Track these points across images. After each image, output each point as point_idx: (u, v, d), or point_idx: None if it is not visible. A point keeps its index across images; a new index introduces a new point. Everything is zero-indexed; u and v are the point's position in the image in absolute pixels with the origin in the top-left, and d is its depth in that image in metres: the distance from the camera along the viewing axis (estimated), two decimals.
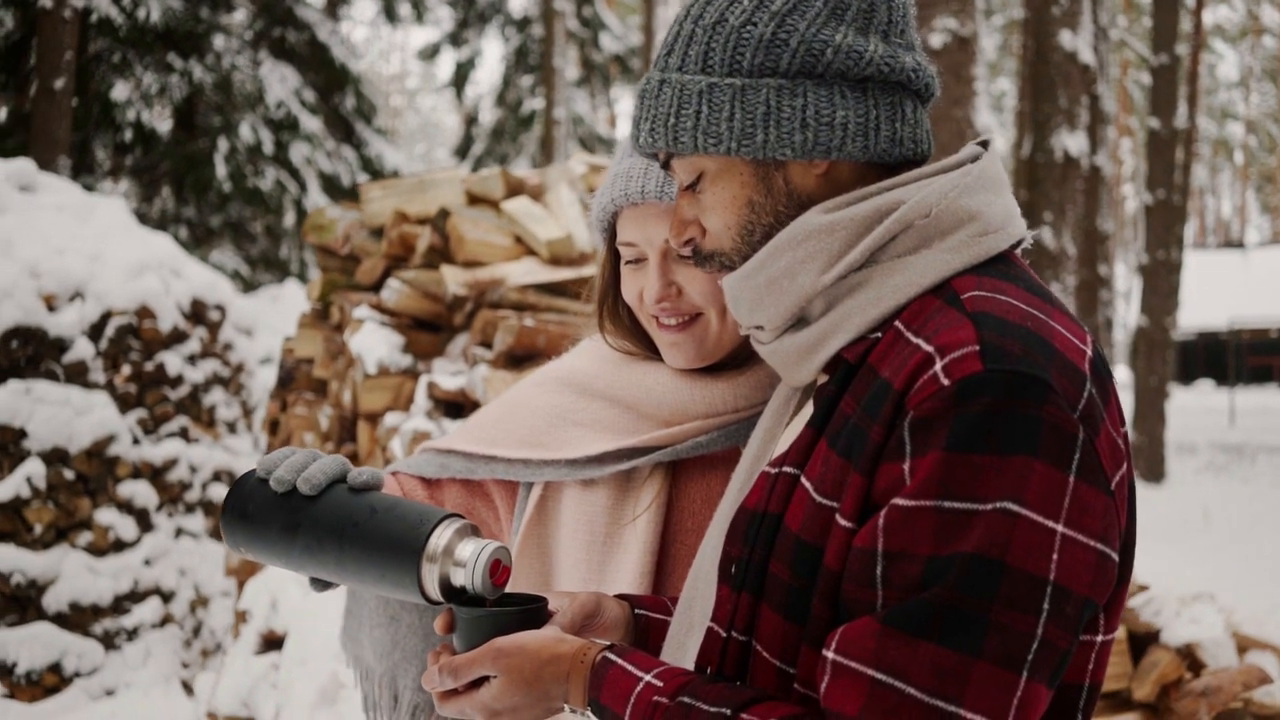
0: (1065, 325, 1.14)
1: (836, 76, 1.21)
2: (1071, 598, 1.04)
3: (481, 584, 1.27)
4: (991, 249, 1.19)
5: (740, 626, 1.21)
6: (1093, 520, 1.05)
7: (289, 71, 15.89)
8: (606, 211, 1.61)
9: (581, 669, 1.22)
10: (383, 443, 4.34)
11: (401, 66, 46.10)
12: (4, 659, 6.48)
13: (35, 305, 6.97)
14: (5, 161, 7.83)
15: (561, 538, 1.67)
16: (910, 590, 1.03)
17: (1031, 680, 1.02)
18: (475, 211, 4.85)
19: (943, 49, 9.80)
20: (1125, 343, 33.62)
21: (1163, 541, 11.16)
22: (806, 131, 1.21)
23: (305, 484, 1.32)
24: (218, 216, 15.53)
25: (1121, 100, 29.71)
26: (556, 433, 1.66)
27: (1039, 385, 1.04)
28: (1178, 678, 4.22)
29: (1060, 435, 1.04)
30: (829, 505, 1.13)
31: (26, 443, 6.78)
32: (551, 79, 17.79)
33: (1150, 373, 15.14)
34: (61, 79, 12.67)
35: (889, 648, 1.03)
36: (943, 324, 1.11)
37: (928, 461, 1.04)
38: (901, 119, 1.23)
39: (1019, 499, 1.02)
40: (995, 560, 1.01)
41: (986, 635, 1.01)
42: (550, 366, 1.77)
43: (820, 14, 1.21)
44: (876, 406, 1.11)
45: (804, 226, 1.21)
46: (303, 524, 1.32)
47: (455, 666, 1.25)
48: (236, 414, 8.34)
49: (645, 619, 1.45)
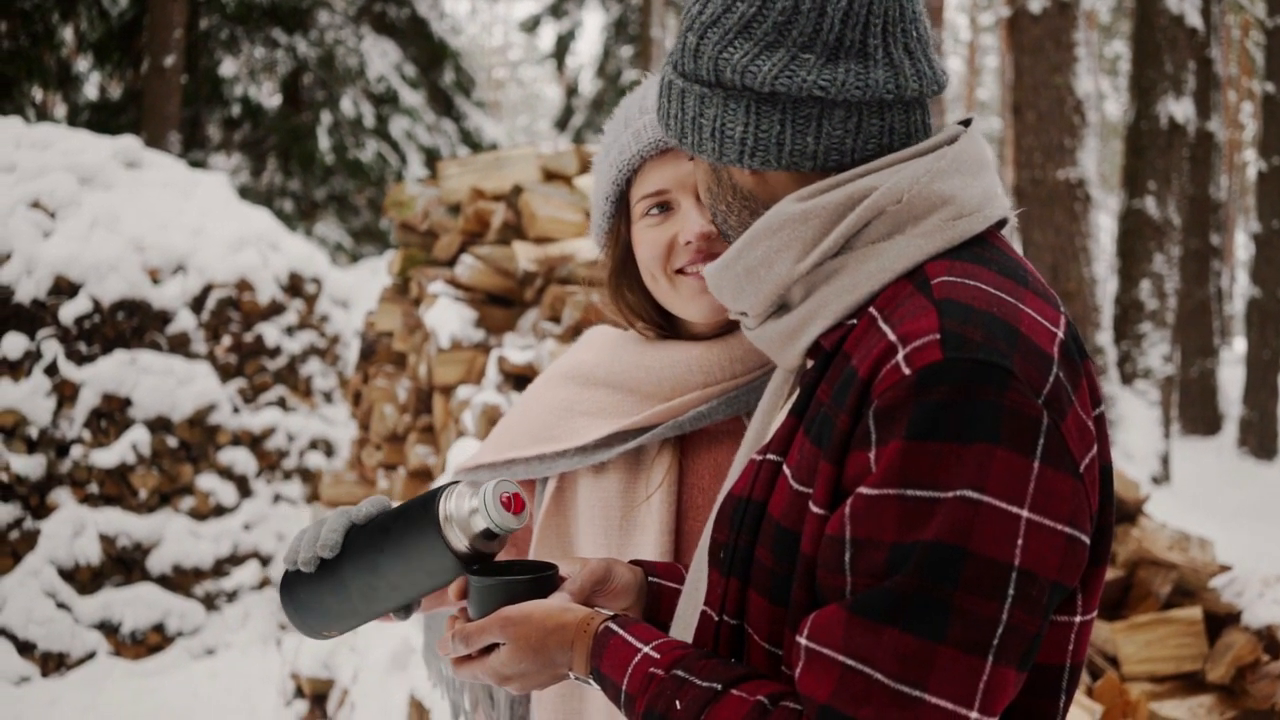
0: (1036, 308, 1.14)
1: (744, 90, 1.22)
2: (1038, 582, 1.05)
3: (499, 516, 1.33)
4: (966, 232, 1.19)
5: (730, 610, 1.24)
6: (1060, 504, 1.06)
7: (390, 46, 16.14)
8: (629, 166, 1.62)
9: (585, 638, 1.26)
10: (455, 415, 4.43)
11: (505, 39, 46.36)
12: (110, 618, 6.78)
13: (140, 279, 7.24)
14: (112, 139, 8.11)
15: (580, 526, 1.70)
16: (876, 577, 1.05)
17: (998, 664, 1.03)
18: (548, 188, 4.90)
19: (1042, 14, 9.57)
20: (1244, 313, 32.40)
21: (1271, 521, 10.83)
22: (715, 141, 1.25)
23: (325, 550, 1.40)
24: (322, 189, 15.88)
25: (1242, 63, 28.54)
26: (565, 424, 1.70)
27: (999, 372, 1.05)
28: (1254, 660, 4.13)
29: (1022, 421, 1.04)
30: (804, 492, 1.15)
31: (132, 411, 7.07)
32: (649, 49, 17.76)
33: (1263, 345, 14.64)
34: (172, 56, 13.04)
35: (855, 634, 1.05)
36: (908, 311, 1.12)
37: (890, 450, 1.06)
38: (818, 133, 1.21)
39: (979, 487, 1.03)
40: (957, 547, 1.02)
41: (949, 621, 1.02)
42: (556, 364, 1.81)
43: (731, 29, 1.22)
44: (843, 395, 1.13)
45: (779, 215, 1.22)
46: (346, 579, 1.40)
47: (467, 634, 1.30)
48: (332, 384, 8.56)
49: (658, 586, 1.48)
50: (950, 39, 36.55)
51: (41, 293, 6.86)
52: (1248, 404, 14.58)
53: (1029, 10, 9.51)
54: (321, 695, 4.99)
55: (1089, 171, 9.49)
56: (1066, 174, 9.42)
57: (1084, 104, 9.49)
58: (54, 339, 6.87)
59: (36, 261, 6.87)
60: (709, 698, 1.14)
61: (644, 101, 1.64)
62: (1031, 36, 9.52)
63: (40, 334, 6.84)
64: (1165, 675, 3.98)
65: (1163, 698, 3.91)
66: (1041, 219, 9.46)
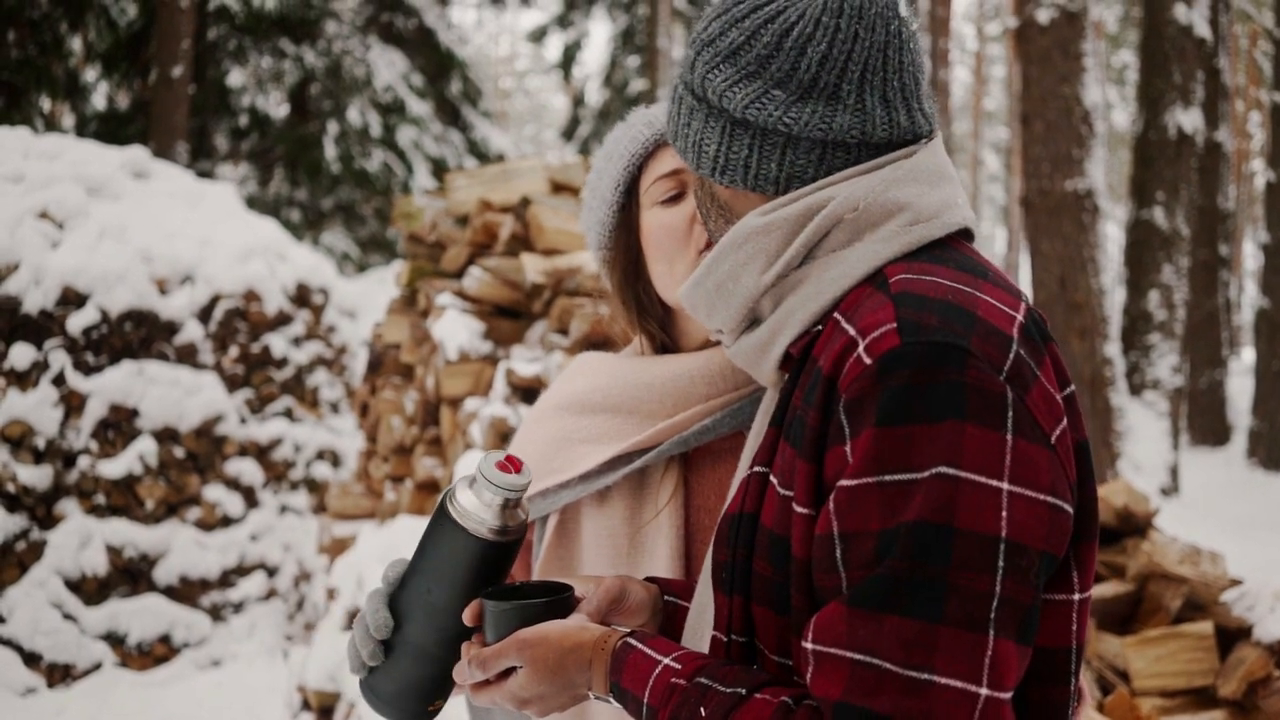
0: (994, 295, 1.16)
1: (723, 111, 1.27)
2: (1027, 552, 1.06)
3: (506, 481, 1.35)
4: (924, 237, 1.22)
5: (738, 629, 1.24)
6: (1038, 474, 1.07)
7: (397, 56, 16.17)
8: (644, 150, 1.62)
9: (603, 655, 1.26)
10: (463, 427, 4.42)
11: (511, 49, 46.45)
12: (116, 629, 6.77)
13: (148, 289, 7.24)
14: (120, 149, 8.12)
15: (585, 557, 1.66)
16: (868, 567, 1.06)
17: (999, 638, 1.04)
18: (556, 200, 4.90)
19: (1050, 24, 9.56)
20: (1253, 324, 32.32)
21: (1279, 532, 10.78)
22: (695, 151, 1.31)
23: (381, 631, 1.40)
24: (329, 199, 15.91)
25: (1250, 72, 28.50)
26: (564, 455, 1.66)
27: (957, 352, 1.07)
28: (1265, 675, 4.10)
29: (986, 396, 1.06)
30: (788, 496, 1.17)
31: (139, 421, 7.07)
32: (656, 59, 17.78)
33: (1272, 356, 14.59)
34: (180, 66, 13.08)
35: (858, 627, 1.05)
36: (868, 308, 1.14)
37: (863, 440, 1.07)
38: (782, 161, 1.25)
39: (954, 463, 1.04)
40: (942, 525, 1.03)
41: (946, 600, 1.03)
42: (545, 397, 1.76)
43: (721, 52, 1.27)
44: (811, 394, 1.15)
45: (743, 229, 1.26)
46: (412, 638, 1.39)
47: (484, 658, 1.29)
48: (339, 394, 8.56)
49: (673, 605, 1.47)
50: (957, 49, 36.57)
51: (49, 303, 6.87)
52: (1257, 415, 14.53)
53: (1037, 20, 9.49)
54: (328, 708, 4.98)
55: (1097, 182, 9.47)
56: (1074, 184, 9.40)
57: (1092, 114, 9.47)
58: (61, 349, 6.88)
59: (44, 272, 6.88)
60: (734, 702, 1.14)
61: (654, 107, 1.66)
62: (1039, 47, 9.51)
63: (48, 344, 6.85)
64: (1176, 690, 3.96)
65: (1174, 713, 3.89)
66: (1049, 229, 9.44)
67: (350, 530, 5.72)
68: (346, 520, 5.85)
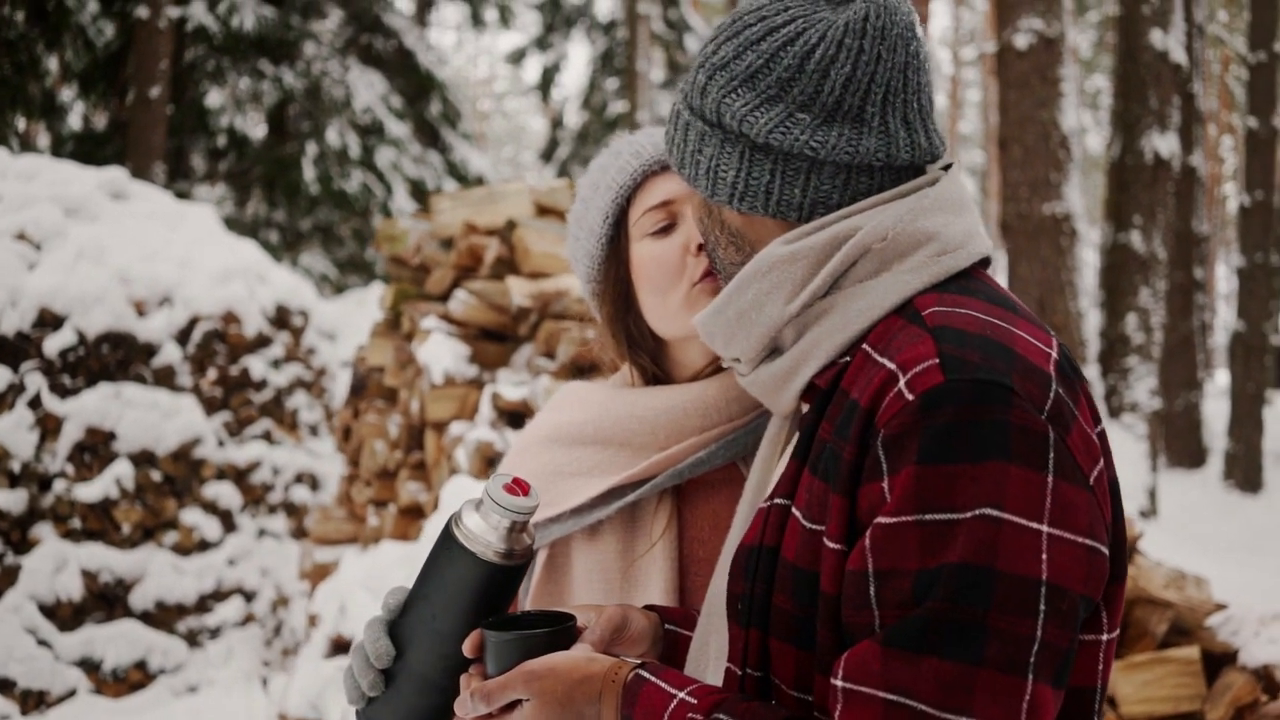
0: (1029, 331, 1.15)
1: (741, 136, 1.24)
2: (1067, 596, 1.05)
3: (509, 503, 1.32)
4: (951, 268, 1.21)
5: (753, 663, 1.22)
6: (1078, 516, 1.06)
7: (376, 78, 16.15)
8: (632, 181, 1.59)
9: (614, 688, 1.23)
10: (448, 451, 4.39)
11: (490, 70, 46.49)
12: (91, 655, 6.67)
13: (126, 310, 7.18)
14: (98, 170, 8.06)
15: (576, 592, 1.63)
16: (904, 607, 1.05)
17: (1038, 682, 1.03)
18: (542, 223, 4.89)
19: (1028, 50, 9.63)
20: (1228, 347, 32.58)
21: (1258, 554, 10.84)
22: (709, 179, 1.28)
23: (382, 660, 1.36)
24: (307, 220, 15.85)
25: (1222, 97, 28.84)
26: (555, 489, 1.62)
27: (1001, 390, 1.06)
28: (1253, 700, 4.10)
29: (1030, 436, 1.05)
30: (817, 530, 1.15)
31: (115, 444, 6.99)
32: (635, 82, 17.82)
33: (1247, 379, 14.71)
34: (157, 87, 13.03)
35: (893, 668, 1.03)
36: (904, 341, 1.13)
37: (903, 477, 1.06)
38: (806, 186, 1.24)
39: (998, 504, 1.03)
40: (984, 567, 1.02)
41: (986, 643, 1.02)
42: (530, 429, 1.73)
43: (738, 76, 1.24)
44: (846, 427, 1.13)
45: (767, 258, 1.24)
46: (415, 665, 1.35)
47: (488, 691, 1.26)
48: (319, 417, 8.50)
49: (674, 634, 1.45)
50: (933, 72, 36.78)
51: (26, 325, 6.79)
52: (1233, 437, 14.64)
53: (1015, 46, 9.57)
54: None
55: (1074, 206, 9.53)
56: (1052, 208, 9.45)
57: (1069, 139, 9.55)
58: (38, 371, 6.80)
59: (21, 293, 6.81)
60: None
61: (637, 136, 1.64)
62: (1017, 72, 9.58)
63: (24, 366, 6.77)
64: (1163, 715, 3.96)
65: None
66: (1028, 253, 9.48)
67: (332, 555, 5.67)
68: (328, 545, 5.80)
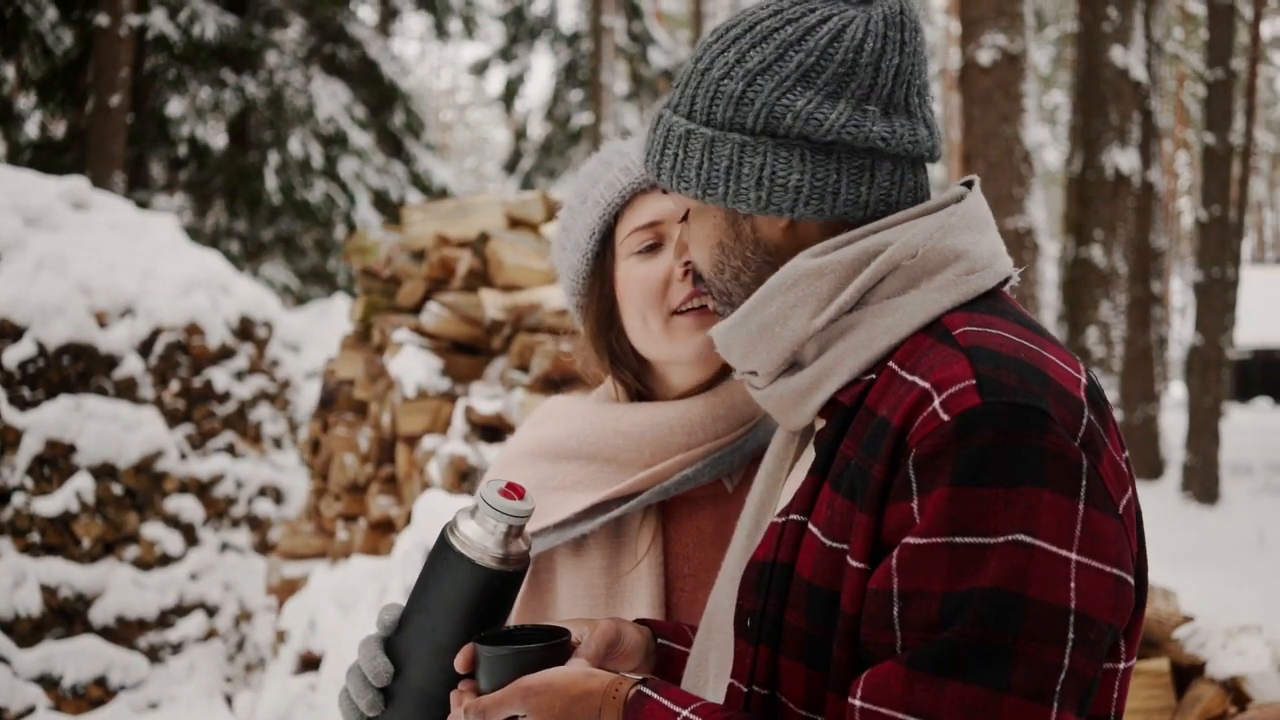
0: (1058, 355, 1.15)
1: (799, 139, 1.21)
2: (1095, 625, 1.04)
3: (505, 507, 1.30)
4: (979, 287, 1.21)
5: (761, 680, 1.20)
6: (1106, 546, 1.06)
7: (339, 88, 16.05)
8: (619, 199, 1.58)
9: (614, 704, 1.21)
10: (420, 465, 4.35)
11: (453, 81, 46.38)
12: (51, 671, 6.56)
13: (87, 322, 7.08)
14: (59, 179, 7.96)
15: (560, 608, 1.61)
16: (928, 629, 1.04)
17: (1062, 711, 1.03)
18: (515, 235, 4.86)
19: (991, 66, 9.72)
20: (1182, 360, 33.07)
21: (1215, 565, 10.97)
22: (761, 190, 1.23)
23: (381, 679, 1.33)
24: (269, 230, 15.71)
25: (1178, 113, 29.26)
26: (539, 503, 1.59)
27: (1038, 415, 1.05)
28: (1221, 712, 4.14)
29: (1064, 463, 1.05)
30: (839, 548, 1.13)
31: (76, 457, 6.89)
32: (600, 94, 17.83)
33: (1204, 392, 14.90)
34: (118, 95, 12.89)
35: (916, 690, 1.02)
36: (937, 360, 1.12)
37: (935, 498, 1.05)
38: (870, 183, 1.22)
39: (1031, 530, 1.02)
40: (1015, 593, 1.01)
41: (1013, 669, 1.01)
42: (514, 443, 1.70)
43: (789, 77, 1.21)
44: (876, 445, 1.11)
45: (793, 271, 1.22)
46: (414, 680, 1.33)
47: (483, 708, 1.23)
48: (283, 429, 8.42)
49: (667, 649, 1.44)
50: None
51: None
52: (1190, 449, 14.81)
53: (978, 62, 9.65)
54: None
55: (1037, 220, 9.63)
56: (1015, 223, 9.53)
57: (1032, 154, 9.64)
58: None
59: None
60: None
61: (627, 145, 1.62)
62: (981, 87, 9.66)
63: None
64: None
65: None
66: None
67: (301, 570, 5.60)
68: (296, 560, 5.73)
